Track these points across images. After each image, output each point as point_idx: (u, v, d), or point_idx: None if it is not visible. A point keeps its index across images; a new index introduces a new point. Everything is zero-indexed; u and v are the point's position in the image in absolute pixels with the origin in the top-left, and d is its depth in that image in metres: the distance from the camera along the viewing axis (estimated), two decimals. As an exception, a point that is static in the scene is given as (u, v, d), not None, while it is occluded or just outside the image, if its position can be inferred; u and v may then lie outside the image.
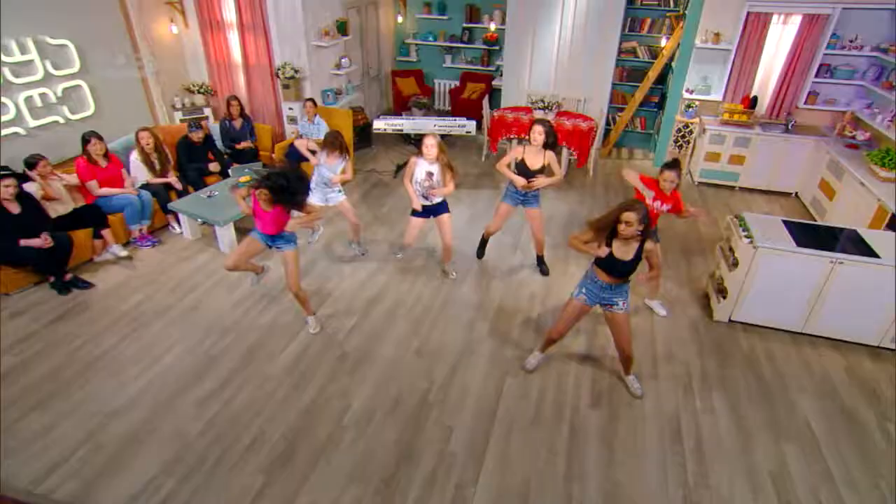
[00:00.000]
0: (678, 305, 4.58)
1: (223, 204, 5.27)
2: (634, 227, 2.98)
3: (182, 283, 4.75)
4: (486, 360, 3.92)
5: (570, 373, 3.83)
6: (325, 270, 4.99)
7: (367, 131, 7.99)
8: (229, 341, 4.06)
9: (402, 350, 4.01)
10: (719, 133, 6.55)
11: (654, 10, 7.37)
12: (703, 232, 5.81)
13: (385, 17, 8.94)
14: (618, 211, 3.02)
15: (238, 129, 6.32)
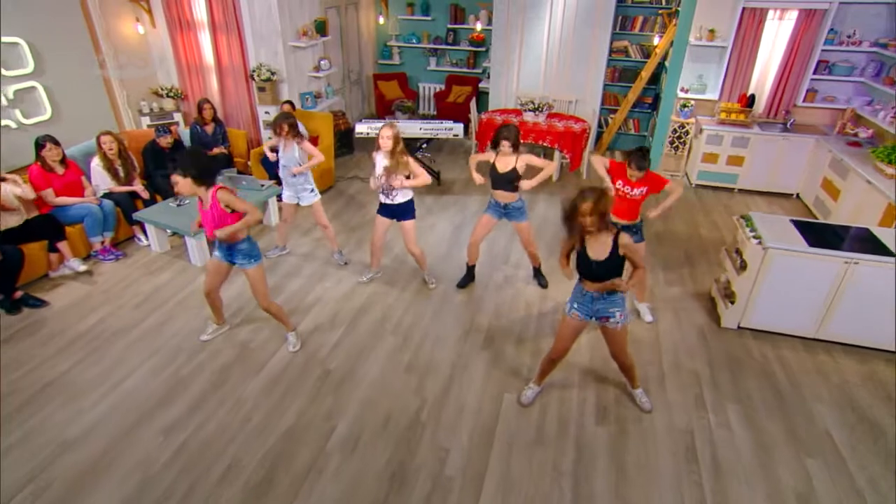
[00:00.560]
0: (683, 312, 4.47)
1: (194, 212, 5.05)
2: (592, 219, 2.78)
3: (148, 300, 4.51)
4: (481, 376, 3.75)
5: (573, 386, 3.67)
6: (305, 283, 4.79)
7: (348, 136, 7.85)
8: (200, 361, 3.83)
9: (390, 366, 3.82)
10: (716, 133, 6.53)
11: (646, 8, 7.39)
12: (705, 235, 5.75)
13: (366, 18, 8.86)
14: (570, 204, 2.82)
15: (210, 134, 6.13)
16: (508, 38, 7.73)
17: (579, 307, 3.15)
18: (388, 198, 4.25)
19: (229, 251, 3.59)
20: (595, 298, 3.08)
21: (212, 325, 4.05)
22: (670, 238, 5.66)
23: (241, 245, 3.57)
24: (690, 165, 7.08)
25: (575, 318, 3.18)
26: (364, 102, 9.26)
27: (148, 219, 5.03)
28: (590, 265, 2.96)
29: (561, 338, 3.29)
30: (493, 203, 4.38)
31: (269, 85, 6.63)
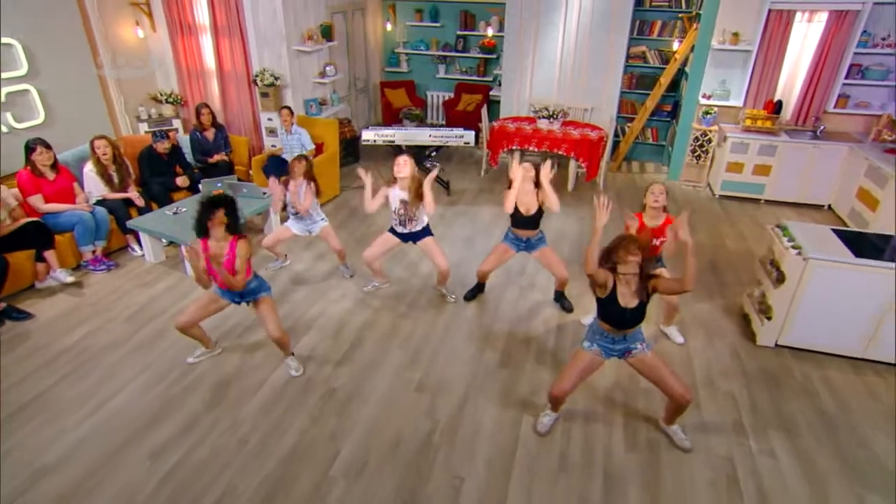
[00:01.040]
0: (713, 329, 4.26)
1: (192, 221, 4.90)
2: (635, 263, 2.74)
3: (140, 312, 4.35)
4: (498, 396, 3.55)
5: (598, 408, 3.46)
6: (309, 295, 4.62)
7: (354, 144, 7.75)
8: (193, 378, 3.65)
9: (399, 385, 3.63)
10: (742, 141, 6.37)
11: (665, 12, 7.31)
12: (731, 247, 5.57)
13: (373, 25, 8.83)
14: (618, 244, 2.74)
15: (211, 140, 6.03)
16: (521, 44, 7.65)
17: (600, 346, 3.01)
18: (406, 227, 4.19)
19: (240, 296, 3.50)
20: (616, 340, 2.96)
21: (200, 349, 3.85)
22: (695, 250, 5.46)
23: (250, 285, 3.47)
24: (713, 175, 6.92)
25: (595, 354, 3.01)
26: (371, 111, 9.19)
27: (142, 227, 4.90)
28: (622, 314, 2.84)
29: (569, 372, 3.02)
30: (513, 237, 4.22)
31: (272, 90, 6.56)
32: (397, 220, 4.21)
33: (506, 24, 7.60)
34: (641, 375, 3.06)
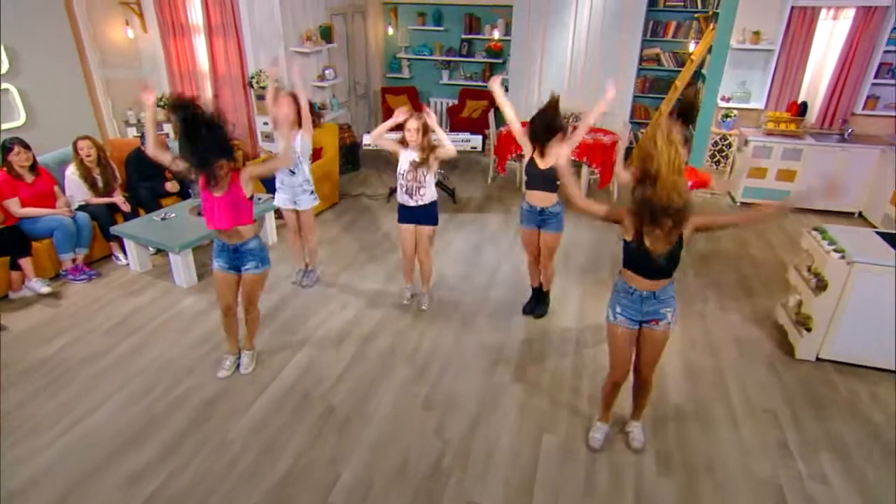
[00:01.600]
0: (746, 342, 4.06)
1: (181, 227, 4.74)
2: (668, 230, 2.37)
3: (123, 324, 4.14)
4: (514, 413, 3.33)
5: (624, 426, 3.23)
6: (306, 304, 4.43)
7: (354, 152, 7.62)
8: (179, 395, 3.43)
9: (405, 402, 3.41)
10: (764, 145, 6.23)
11: (680, 13, 7.24)
12: (758, 255, 5.38)
13: (374, 28, 8.77)
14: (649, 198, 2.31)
15: (202, 143, 5.86)
16: (529, 46, 7.57)
17: (625, 311, 2.71)
18: (413, 198, 3.98)
19: (235, 255, 3.26)
20: (645, 298, 2.63)
21: (228, 358, 3.64)
22: (718, 259, 5.30)
23: (249, 244, 3.24)
24: (734, 181, 6.76)
25: (624, 326, 2.73)
26: (371, 118, 9.09)
27: (128, 234, 4.72)
28: (648, 260, 2.49)
29: (617, 354, 2.82)
30: (527, 210, 4.00)
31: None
32: (405, 186, 3.97)
33: (513, 25, 7.53)
34: (640, 349, 2.81)
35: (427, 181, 3.96)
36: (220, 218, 3.07)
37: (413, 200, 4.00)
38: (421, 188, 3.96)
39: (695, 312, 4.41)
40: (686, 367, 3.76)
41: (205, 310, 4.34)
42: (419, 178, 3.93)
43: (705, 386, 3.59)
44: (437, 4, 8.59)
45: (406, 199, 4.02)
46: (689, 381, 3.62)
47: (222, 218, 3.07)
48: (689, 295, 4.65)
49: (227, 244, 3.24)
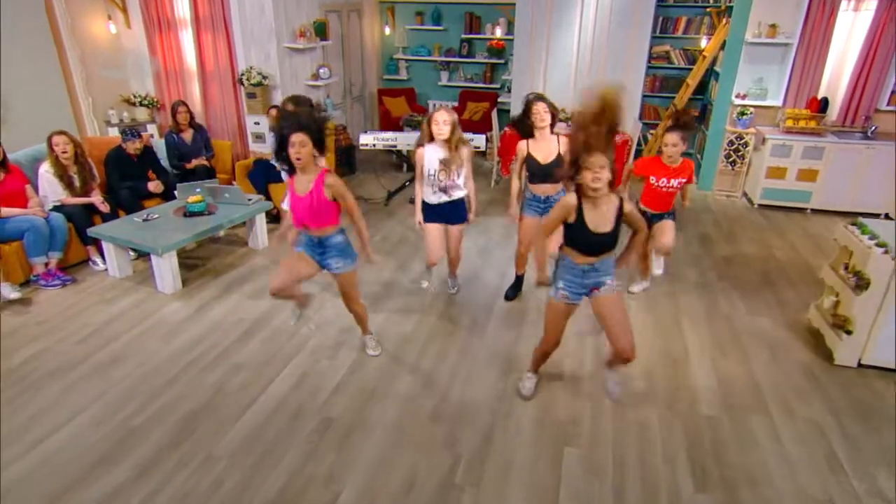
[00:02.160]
0: (778, 347, 3.86)
1: (165, 228, 4.53)
2: (605, 178, 2.58)
3: (99, 332, 3.91)
4: (530, 424, 3.11)
5: (656, 437, 3.02)
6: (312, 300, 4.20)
7: (350, 154, 7.45)
8: (159, 408, 3.19)
9: (410, 413, 3.18)
10: (783, 143, 6.09)
11: (691, 8, 7.16)
12: (783, 258, 5.21)
13: (370, 28, 8.67)
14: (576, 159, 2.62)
15: (189, 142, 5.69)
16: (533, 45, 7.46)
17: (567, 286, 2.89)
18: (448, 194, 3.86)
19: (320, 248, 3.22)
20: (586, 271, 2.85)
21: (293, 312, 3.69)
22: (741, 261, 5.12)
23: (335, 238, 3.19)
24: (751, 183, 6.61)
25: (563, 301, 2.92)
26: (367, 122, 8.95)
27: (106, 235, 4.50)
28: (589, 237, 2.72)
29: (552, 328, 3.04)
30: (532, 199, 3.95)
31: (259, 90, 6.27)
32: (436, 186, 3.83)
33: (516, 23, 7.42)
34: (599, 319, 2.94)
35: (460, 178, 3.85)
36: (302, 216, 3.08)
37: (448, 196, 3.87)
38: (455, 187, 3.86)
39: (721, 316, 4.22)
40: (717, 373, 3.56)
41: (191, 316, 4.11)
42: (452, 175, 3.81)
43: (739, 394, 3.38)
44: (437, 3, 8.51)
45: (433, 197, 3.89)
46: (721, 389, 3.42)
47: (304, 216, 3.08)
48: (714, 298, 4.47)
49: (311, 237, 3.19)
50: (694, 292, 4.57)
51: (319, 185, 2.99)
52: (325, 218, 3.10)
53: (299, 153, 2.90)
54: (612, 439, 3.02)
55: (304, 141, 2.88)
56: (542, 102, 3.74)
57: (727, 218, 6.21)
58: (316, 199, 3.00)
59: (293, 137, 2.87)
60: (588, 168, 2.56)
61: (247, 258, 5.07)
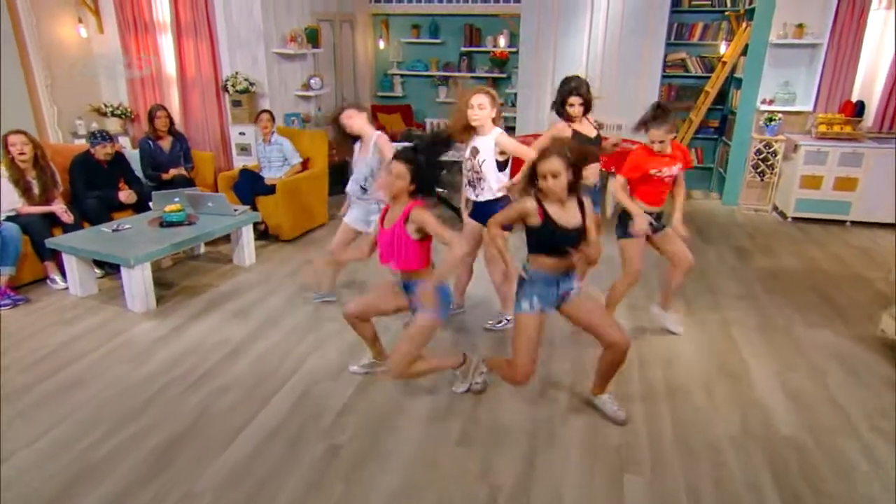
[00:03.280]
0: (851, 361, 3.56)
1: (137, 239, 4.19)
2: (564, 177, 2.58)
3: (56, 353, 3.51)
4: (578, 448, 2.75)
5: (731, 460, 2.68)
6: (295, 325, 3.85)
7: (343, 172, 7.17)
8: (129, 435, 2.79)
9: (433, 438, 2.81)
10: (818, 150, 5.95)
11: (707, 13, 7.14)
12: (832, 270, 4.98)
13: (363, 42, 8.58)
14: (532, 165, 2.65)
15: (167, 151, 5.40)
16: (539, 55, 7.38)
17: (542, 300, 2.77)
18: (475, 192, 3.56)
19: (407, 292, 2.94)
20: (559, 279, 2.79)
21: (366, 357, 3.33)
22: (785, 274, 4.89)
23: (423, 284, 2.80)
24: (782, 194, 6.44)
25: (536, 314, 2.77)
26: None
27: (68, 247, 4.13)
28: (557, 235, 2.66)
29: (527, 348, 2.76)
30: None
31: (245, 98, 6.05)
32: (466, 177, 3.62)
33: (521, 31, 7.36)
34: (577, 324, 2.88)
35: (486, 172, 3.49)
36: (383, 250, 2.86)
37: (474, 194, 3.58)
38: (482, 181, 3.51)
39: (777, 328, 3.94)
40: (788, 391, 3.24)
41: (166, 336, 3.72)
42: (476, 167, 3.49)
43: (819, 413, 3.06)
44: (434, 15, 8.47)
45: (468, 192, 3.63)
46: (797, 408, 3.10)
47: (384, 251, 2.85)
48: (764, 310, 4.21)
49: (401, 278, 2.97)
50: (740, 305, 4.30)
51: (403, 218, 2.76)
52: (405, 258, 2.80)
53: (392, 185, 2.71)
54: (679, 464, 2.67)
55: (402, 174, 2.69)
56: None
57: (760, 232, 5.99)
58: (397, 232, 2.76)
59: (392, 166, 2.73)
60: (543, 176, 2.58)
61: (231, 276, 4.70)
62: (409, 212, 2.71)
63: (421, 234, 2.74)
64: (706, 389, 3.24)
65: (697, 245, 5.51)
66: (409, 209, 2.72)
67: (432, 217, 2.71)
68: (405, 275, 2.88)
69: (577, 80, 3.71)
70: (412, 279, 2.85)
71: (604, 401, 2.99)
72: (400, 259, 2.79)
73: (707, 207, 6.95)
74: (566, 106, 3.72)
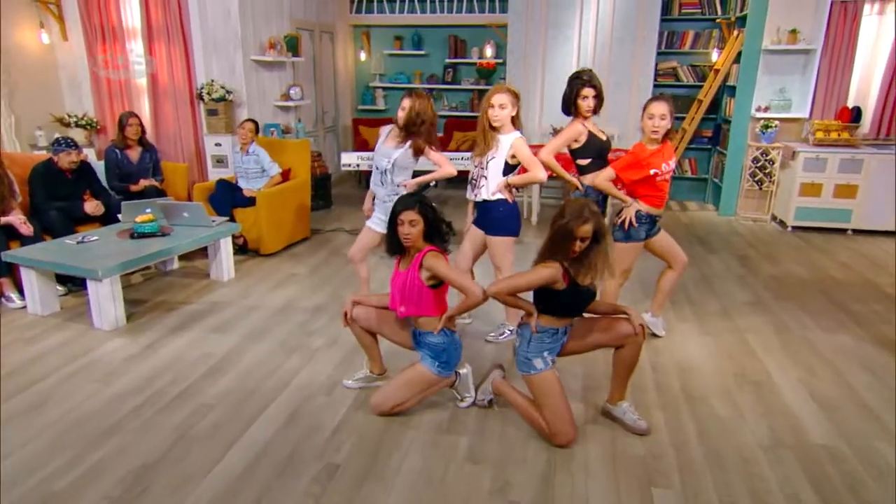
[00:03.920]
0: (875, 365, 3.50)
1: (106, 251, 3.98)
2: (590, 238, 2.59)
3: (13, 376, 3.25)
4: (600, 462, 2.61)
5: (766, 472, 2.55)
6: (282, 340, 3.66)
7: (325, 186, 7.07)
8: (97, 462, 2.55)
9: (440, 454, 2.63)
10: (817, 156, 5.99)
11: (698, 21, 7.24)
12: (840, 277, 4.96)
13: (343, 53, 8.54)
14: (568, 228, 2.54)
15: (135, 162, 5.20)
16: (527, 64, 7.40)
17: (552, 352, 2.76)
18: (473, 192, 3.49)
19: (416, 341, 2.93)
20: (566, 330, 2.79)
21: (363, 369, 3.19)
22: (794, 281, 4.88)
23: (429, 337, 2.82)
24: (781, 203, 6.46)
25: (555, 371, 2.75)
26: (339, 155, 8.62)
27: (27, 259, 3.89)
28: (583, 294, 2.69)
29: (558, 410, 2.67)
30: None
31: (222, 107, 5.90)
32: (469, 176, 3.57)
33: (509, 41, 7.38)
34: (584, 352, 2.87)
35: (490, 171, 3.39)
36: (394, 294, 2.87)
37: (473, 193, 3.49)
38: (484, 179, 3.42)
39: (795, 336, 3.86)
40: (815, 397, 3.14)
41: (139, 354, 3.50)
42: (483, 163, 3.40)
43: (851, 419, 2.95)
44: (417, 26, 8.47)
45: (468, 192, 3.55)
46: (826, 414, 3.00)
47: (396, 295, 2.85)
48: (777, 316, 4.17)
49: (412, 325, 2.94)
50: (751, 311, 4.24)
51: (417, 263, 2.76)
52: (416, 304, 2.79)
53: (409, 233, 2.71)
54: (710, 476, 2.52)
55: (416, 220, 2.71)
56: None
57: (761, 242, 5.97)
58: (410, 277, 2.77)
59: (403, 216, 2.72)
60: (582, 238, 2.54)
61: (208, 291, 4.49)
62: (423, 256, 2.73)
63: (435, 282, 2.75)
64: (728, 397, 3.13)
65: (700, 254, 5.47)
66: (423, 255, 2.74)
67: (446, 263, 2.74)
68: (416, 322, 2.85)
69: (589, 73, 3.63)
70: (424, 329, 2.82)
71: (623, 409, 2.85)
72: (411, 305, 2.78)
73: (704, 218, 6.94)
74: (579, 99, 3.59)
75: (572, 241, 2.53)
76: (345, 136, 8.77)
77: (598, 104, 3.64)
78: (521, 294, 2.75)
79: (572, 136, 3.64)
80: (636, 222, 3.42)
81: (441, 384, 2.90)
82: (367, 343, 3.05)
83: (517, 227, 3.53)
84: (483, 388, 2.99)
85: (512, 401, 2.86)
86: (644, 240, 3.54)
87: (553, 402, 2.66)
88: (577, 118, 3.66)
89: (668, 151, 3.42)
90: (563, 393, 2.70)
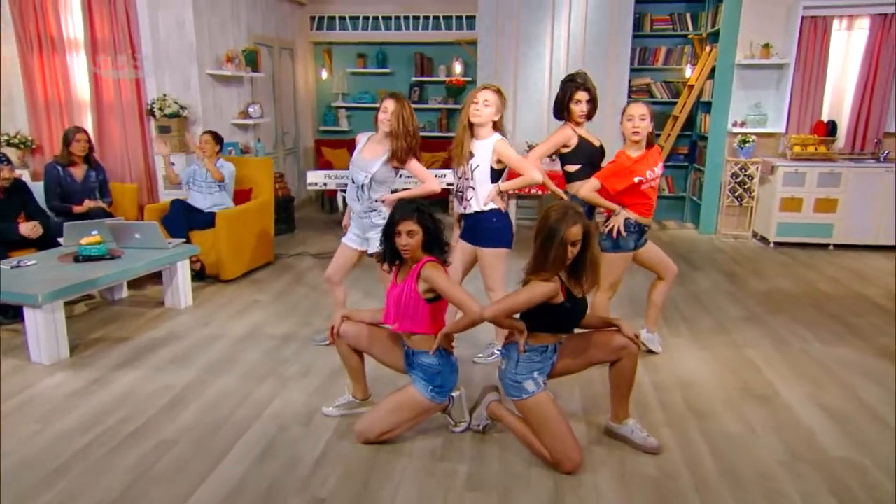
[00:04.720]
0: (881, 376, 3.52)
1: (44, 276, 3.72)
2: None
3: (-61, 415, 2.96)
4: (611, 483, 2.51)
5: (788, 488, 2.49)
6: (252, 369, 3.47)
7: (288, 209, 6.91)
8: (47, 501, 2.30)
9: (437, 484, 2.49)
10: (796, 170, 6.15)
11: (670, 37, 7.44)
12: (830, 291, 5.06)
13: (304, 72, 8.47)
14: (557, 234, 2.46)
15: (79, 180, 4.96)
16: (499, 80, 7.39)
17: (542, 373, 2.67)
18: (461, 204, 3.40)
19: (408, 361, 2.81)
20: (558, 345, 2.73)
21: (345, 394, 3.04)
22: (784, 295, 4.96)
23: (422, 357, 2.72)
24: (762, 219, 6.59)
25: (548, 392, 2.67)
26: (300, 179, 8.47)
27: (-43, 287, 3.61)
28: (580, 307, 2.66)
29: (559, 433, 2.55)
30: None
31: (175, 123, 5.70)
32: (455, 188, 3.51)
33: (479, 57, 7.43)
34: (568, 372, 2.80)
35: (477, 180, 3.29)
36: (389, 307, 2.79)
37: (461, 206, 3.40)
38: (471, 189, 3.32)
39: (795, 350, 3.88)
40: (825, 410, 3.13)
41: (84, 389, 3.25)
42: (468, 173, 3.30)
43: (866, 430, 2.94)
44: (381, 44, 8.48)
45: (455, 204, 3.51)
46: (840, 426, 2.97)
47: (390, 308, 2.77)
48: (773, 330, 4.20)
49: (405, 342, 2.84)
50: (746, 326, 4.26)
51: (414, 274, 2.68)
52: (410, 319, 2.70)
53: (407, 244, 2.62)
54: (730, 494, 2.44)
55: (415, 231, 2.62)
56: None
57: (745, 258, 6.06)
58: (406, 289, 2.69)
59: (402, 226, 2.62)
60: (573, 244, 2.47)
61: (164, 319, 4.25)
62: (422, 267, 2.65)
63: (432, 295, 2.66)
64: (735, 412, 3.08)
65: (686, 272, 5.49)
66: (421, 265, 2.66)
67: (445, 276, 2.65)
68: (410, 340, 2.76)
69: (583, 76, 3.60)
70: (418, 348, 2.72)
71: (630, 428, 2.76)
72: (406, 319, 2.70)
73: (685, 237, 7.02)
74: (572, 103, 3.55)
75: (564, 248, 2.45)
76: (306, 158, 8.65)
77: (591, 109, 3.60)
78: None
79: (560, 141, 3.61)
80: (625, 231, 3.39)
81: (433, 410, 2.76)
82: (352, 364, 2.88)
83: (511, 238, 3.44)
84: (477, 413, 2.86)
85: (510, 426, 2.73)
86: (633, 250, 3.50)
87: (552, 426, 2.55)
88: (568, 123, 3.63)
89: (653, 157, 3.41)
90: (561, 414, 2.60)
